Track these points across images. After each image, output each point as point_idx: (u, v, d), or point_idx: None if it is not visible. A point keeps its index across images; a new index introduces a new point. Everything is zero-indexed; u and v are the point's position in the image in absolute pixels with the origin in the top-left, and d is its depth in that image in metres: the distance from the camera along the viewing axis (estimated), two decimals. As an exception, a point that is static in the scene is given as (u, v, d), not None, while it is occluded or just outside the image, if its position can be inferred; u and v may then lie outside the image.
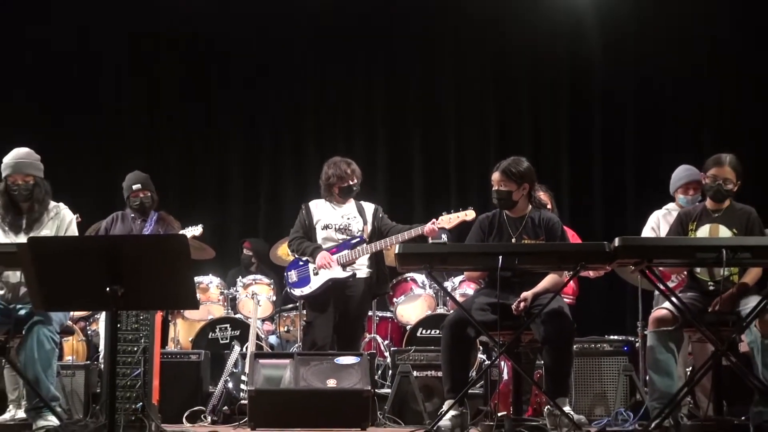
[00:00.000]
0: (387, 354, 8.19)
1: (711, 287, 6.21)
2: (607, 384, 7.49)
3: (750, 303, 5.91)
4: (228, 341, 8.46)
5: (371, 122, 10.73)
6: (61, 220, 6.60)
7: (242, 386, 7.52)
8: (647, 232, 7.47)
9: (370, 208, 7.80)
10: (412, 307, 8.64)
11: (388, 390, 7.53)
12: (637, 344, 7.56)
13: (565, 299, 6.65)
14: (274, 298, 8.94)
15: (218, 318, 8.76)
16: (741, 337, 6.22)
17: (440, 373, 6.64)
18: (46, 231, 6.50)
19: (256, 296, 8.73)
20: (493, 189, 6.39)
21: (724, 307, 6.04)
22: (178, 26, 10.56)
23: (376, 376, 7.68)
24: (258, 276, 9.23)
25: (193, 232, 8.03)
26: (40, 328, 6.20)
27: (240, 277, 9.24)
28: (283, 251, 8.73)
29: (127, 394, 5.89)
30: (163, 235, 7.38)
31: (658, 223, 7.47)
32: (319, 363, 6.80)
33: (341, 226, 7.64)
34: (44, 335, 6.20)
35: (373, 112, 10.74)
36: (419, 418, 7.04)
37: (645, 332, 6.51)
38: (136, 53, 10.77)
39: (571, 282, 6.72)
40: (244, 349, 7.96)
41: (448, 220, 7.39)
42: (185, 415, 7.30)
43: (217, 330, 8.61)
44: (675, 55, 10.16)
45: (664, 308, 6.13)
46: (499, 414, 6.07)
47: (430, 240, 7.29)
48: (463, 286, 8.32)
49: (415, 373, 7.42)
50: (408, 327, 8.42)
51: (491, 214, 6.54)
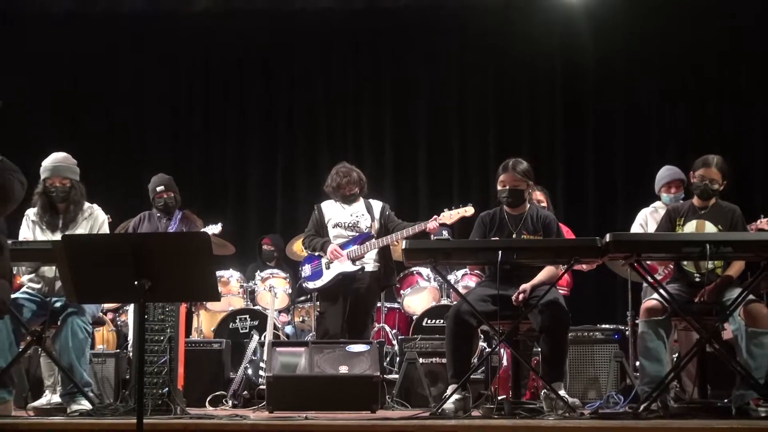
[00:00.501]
0: (395, 342, 8.19)
1: (697, 279, 6.20)
2: (599, 369, 7.48)
3: (734, 294, 5.91)
4: (247, 331, 8.46)
5: (380, 128, 10.72)
6: (95, 220, 6.62)
7: (261, 372, 7.52)
8: (636, 228, 7.46)
9: (377, 205, 7.78)
10: (418, 298, 8.63)
11: (396, 375, 7.52)
12: (626, 332, 7.56)
13: (560, 291, 6.64)
14: (290, 290, 8.94)
15: (238, 309, 8.75)
16: (724, 326, 6.22)
17: (444, 360, 6.64)
18: (81, 230, 6.51)
19: (273, 289, 8.75)
20: (505, 188, 6.38)
21: (710, 298, 6.06)
22: (202, 35, 10.53)
23: (385, 363, 7.67)
24: (275, 270, 9.23)
25: (213, 230, 8.05)
26: (74, 319, 6.22)
27: (258, 271, 9.23)
28: (298, 247, 8.73)
29: (154, 380, 5.88)
30: (186, 233, 7.39)
31: (646, 220, 7.47)
32: (331, 351, 6.79)
33: (350, 224, 7.64)
34: (78, 326, 6.23)
35: (381, 119, 10.73)
36: (425, 401, 7.03)
37: (636, 321, 6.52)
38: (158, 64, 10.77)
39: (565, 275, 6.69)
40: (263, 338, 7.97)
41: (449, 216, 7.39)
42: (208, 399, 7.30)
43: (237, 320, 8.61)
44: (661, 66, 10.15)
45: (654, 299, 6.13)
46: (499, 397, 6.06)
47: (432, 236, 7.29)
48: (465, 279, 8.30)
49: (420, 360, 7.41)
50: (414, 317, 8.41)
51: (492, 211, 6.54)
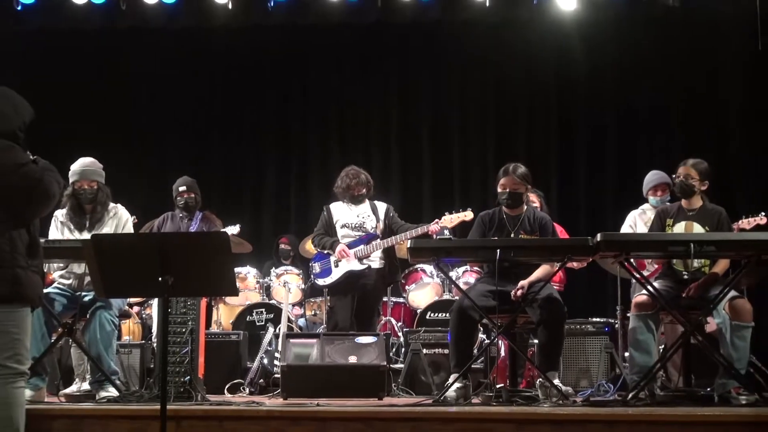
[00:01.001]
0: (400, 334, 8.17)
1: (685, 276, 6.21)
2: (591, 360, 7.47)
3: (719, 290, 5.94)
4: (263, 323, 8.45)
5: (387, 135, 10.72)
6: (119, 219, 6.62)
7: (275, 362, 7.51)
8: (625, 229, 7.45)
9: (382, 207, 7.81)
10: (422, 293, 8.62)
11: (401, 365, 7.51)
12: (616, 325, 7.54)
13: (554, 287, 6.62)
14: (303, 286, 8.92)
15: (255, 303, 8.75)
16: (707, 320, 6.21)
17: (447, 351, 6.63)
18: (107, 229, 6.52)
19: (287, 284, 8.74)
20: (505, 191, 6.41)
21: (696, 294, 6.07)
22: (222, 48, 10.54)
23: (391, 353, 7.65)
24: (289, 267, 9.23)
25: (232, 230, 8.06)
26: (102, 313, 6.23)
27: (274, 268, 9.23)
28: (310, 246, 8.70)
29: (176, 369, 5.87)
30: (207, 233, 7.39)
31: (635, 221, 7.47)
32: (341, 342, 6.78)
33: (357, 224, 7.67)
34: (105, 318, 6.24)
35: (388, 127, 10.73)
36: (428, 389, 7.01)
37: (627, 315, 6.51)
38: (181, 74, 10.78)
39: (559, 271, 6.67)
40: (277, 330, 7.96)
41: (450, 220, 7.44)
42: (226, 387, 7.28)
43: (254, 314, 8.61)
44: (648, 78, 10.13)
45: (644, 294, 6.14)
46: (498, 386, 6.05)
47: (435, 236, 7.31)
48: (466, 276, 8.29)
49: (424, 351, 7.39)
50: (418, 311, 8.40)
51: (492, 212, 6.55)
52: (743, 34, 9.14)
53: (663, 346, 6.65)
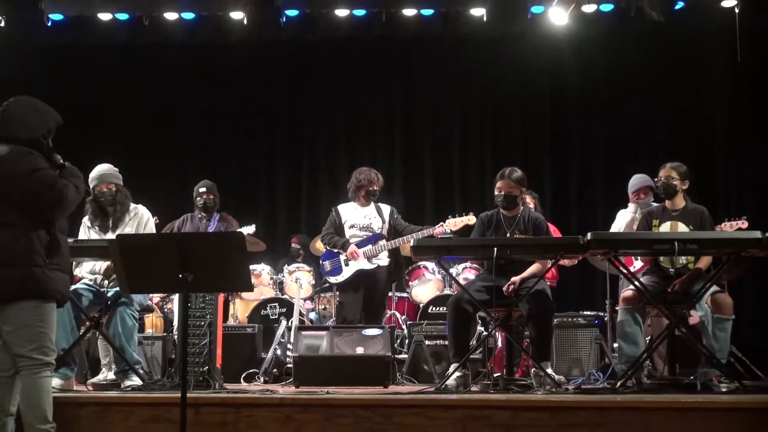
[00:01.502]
0: (404, 327, 8.16)
1: (670, 272, 6.20)
2: (582, 350, 7.45)
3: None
4: (276, 317, 8.45)
5: (391, 142, 10.73)
6: (140, 219, 6.63)
7: (288, 353, 7.51)
8: (615, 228, 7.43)
9: (387, 209, 7.83)
10: (425, 288, 8.60)
11: (405, 355, 7.50)
12: (605, 318, 7.53)
13: (547, 282, 6.61)
14: (314, 282, 8.93)
15: (269, 298, 8.75)
16: (691, 313, 6.21)
17: (447, 342, 6.62)
18: (129, 228, 6.53)
19: (299, 280, 8.75)
20: (500, 194, 6.43)
21: (681, 288, 6.06)
22: (237, 61, 10.55)
23: (396, 345, 7.64)
24: (301, 264, 9.24)
25: (248, 230, 8.06)
26: (123, 309, 6.24)
27: (286, 265, 9.24)
28: (320, 245, 8.70)
29: (196, 359, 5.86)
30: (224, 233, 7.39)
31: (624, 220, 7.43)
32: (349, 334, 6.77)
33: (364, 225, 7.69)
34: (126, 314, 6.24)
35: (392, 135, 10.74)
36: (430, 378, 7.00)
37: (615, 308, 6.50)
38: (200, 86, 10.81)
39: (552, 268, 6.66)
40: (290, 323, 7.97)
41: (454, 223, 7.46)
42: (242, 376, 7.29)
43: (268, 308, 8.61)
44: (636, 88, 10.13)
45: (631, 289, 6.15)
46: (495, 375, 6.04)
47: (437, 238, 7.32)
48: (465, 272, 8.27)
49: (426, 342, 7.39)
50: (421, 305, 8.38)
51: (490, 213, 6.58)
52: (724, 47, 9.12)
53: (649, 338, 6.64)
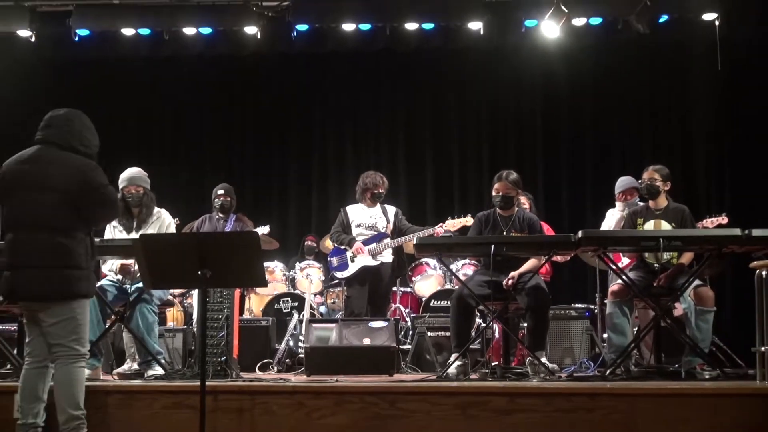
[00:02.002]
0: (408, 319, 8.17)
1: (656, 267, 6.20)
2: (574, 340, 7.46)
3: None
4: (289, 310, 8.45)
5: (395, 147, 10.72)
6: (162, 222, 6.64)
7: (300, 344, 7.50)
8: (605, 226, 7.43)
9: (392, 210, 7.83)
10: (427, 283, 8.60)
11: (409, 346, 7.50)
12: (595, 311, 7.53)
13: (541, 277, 6.61)
14: (323, 277, 8.92)
15: (281, 293, 8.75)
16: (675, 305, 6.20)
17: (448, 333, 6.62)
18: (151, 230, 6.53)
19: (309, 277, 8.76)
20: (498, 195, 6.45)
21: (666, 283, 6.07)
22: (252, 72, 10.55)
23: (400, 336, 7.64)
24: (311, 261, 9.24)
25: (263, 230, 8.06)
26: (143, 305, 6.27)
27: (298, 262, 9.24)
28: (329, 243, 8.71)
29: (214, 350, 5.86)
30: (240, 232, 7.39)
31: (613, 218, 7.42)
32: (357, 326, 6.77)
33: (370, 224, 7.69)
34: (146, 309, 6.27)
35: (396, 140, 10.74)
36: (432, 367, 7.00)
37: (605, 301, 6.51)
38: (217, 95, 10.83)
39: (545, 264, 6.66)
40: (301, 316, 7.96)
41: (453, 224, 7.47)
42: (257, 365, 7.28)
43: (281, 302, 8.61)
44: (622, 96, 10.12)
45: (619, 283, 6.16)
46: (493, 363, 6.05)
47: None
48: (465, 268, 8.26)
49: (429, 333, 7.39)
50: (423, 299, 8.39)
51: (487, 213, 6.59)
52: (705, 57, 9.10)
53: (636, 329, 6.63)
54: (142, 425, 4.90)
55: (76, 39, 9.26)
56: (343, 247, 7.69)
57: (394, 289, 8.37)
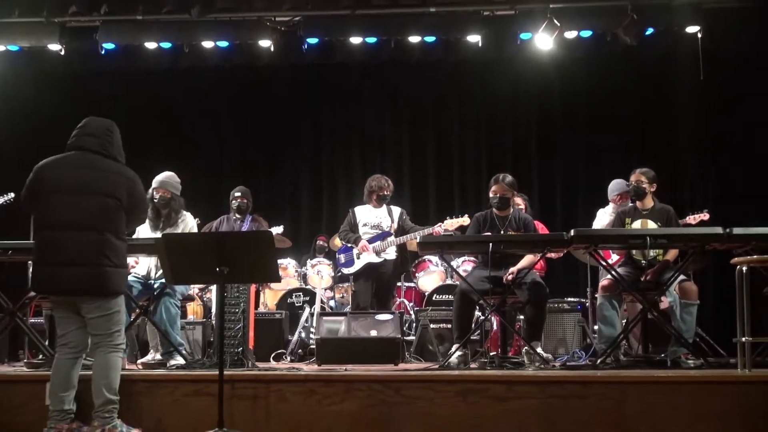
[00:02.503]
0: (412, 312, 8.16)
1: (643, 263, 6.20)
2: (566, 332, 7.46)
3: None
4: (301, 304, 8.45)
5: (399, 152, 10.72)
6: (185, 224, 6.68)
7: (311, 335, 7.51)
8: (596, 225, 7.42)
9: (397, 210, 7.86)
10: (429, 279, 8.59)
11: (413, 337, 7.49)
12: (587, 304, 7.52)
13: (536, 273, 6.61)
14: (333, 273, 8.92)
15: (294, 288, 8.75)
16: (661, 299, 6.19)
17: (450, 325, 6.63)
18: (175, 230, 6.55)
19: (320, 273, 8.75)
20: (495, 196, 6.49)
21: (652, 278, 6.07)
22: (265, 82, 10.56)
23: (404, 328, 7.65)
24: (322, 258, 9.24)
25: (277, 230, 8.07)
26: (167, 299, 6.28)
27: (309, 259, 9.24)
28: (337, 241, 8.72)
29: (231, 341, 5.87)
30: (255, 232, 7.38)
31: (603, 218, 7.42)
32: (364, 319, 6.78)
33: (375, 224, 7.74)
34: (170, 303, 6.28)
35: (401, 146, 10.74)
36: (435, 357, 6.99)
37: (595, 295, 6.50)
38: (234, 104, 10.84)
39: (540, 260, 6.66)
40: (312, 310, 7.97)
41: (451, 224, 7.51)
42: (272, 356, 7.29)
43: (293, 296, 8.61)
44: (612, 104, 10.09)
45: (609, 278, 6.15)
46: (491, 353, 6.05)
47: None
48: (464, 264, 8.26)
49: (431, 325, 7.38)
50: (426, 293, 8.38)
51: (485, 213, 6.61)
52: (688, 68, 9.09)
53: (625, 321, 6.63)
54: (164, 411, 4.91)
55: (103, 52, 9.29)
56: (350, 245, 7.73)
57: (399, 284, 8.38)
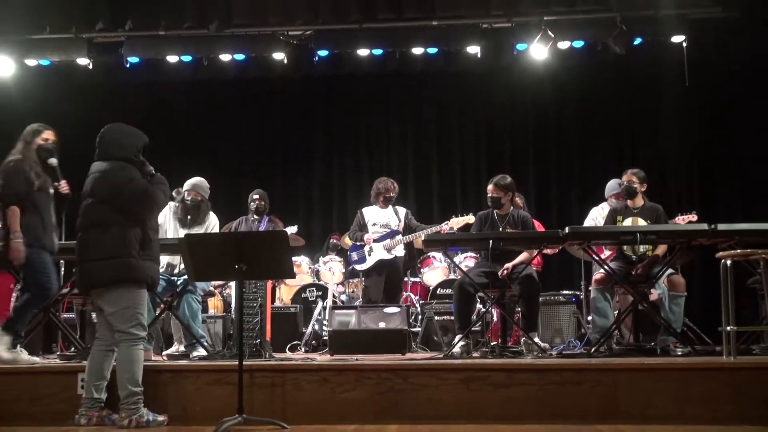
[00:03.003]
0: (417, 305, 8.16)
1: (634, 258, 6.19)
2: (562, 323, 7.43)
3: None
4: (314, 299, 8.46)
5: (404, 156, 10.72)
6: (209, 225, 6.76)
7: (324, 328, 7.52)
8: (588, 223, 7.41)
9: (402, 211, 7.86)
10: (434, 274, 8.59)
11: (419, 329, 7.50)
12: (581, 296, 7.50)
13: (533, 268, 6.60)
14: (344, 270, 8.92)
15: (308, 284, 8.75)
16: (651, 291, 6.18)
17: (453, 317, 6.61)
18: (201, 230, 6.64)
19: (332, 269, 8.75)
20: (488, 196, 6.45)
21: (643, 272, 6.06)
22: (279, 92, 10.57)
23: (411, 320, 7.65)
24: (333, 256, 9.23)
25: (292, 230, 8.08)
26: (189, 295, 6.30)
27: (321, 257, 9.24)
28: (347, 240, 8.72)
29: (250, 334, 5.87)
30: (272, 231, 7.40)
31: (596, 216, 7.40)
32: (373, 312, 6.78)
33: (383, 223, 7.75)
34: (191, 299, 6.29)
35: (405, 150, 10.74)
36: (439, 347, 7.00)
37: (589, 288, 6.49)
38: (250, 113, 10.85)
39: (537, 256, 6.65)
40: (325, 304, 7.98)
41: (456, 222, 7.51)
42: (287, 347, 7.30)
43: (307, 291, 8.62)
44: (603, 110, 10.09)
45: (602, 272, 6.14)
46: (492, 343, 6.04)
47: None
48: (466, 260, 8.25)
49: (436, 318, 7.39)
50: (431, 287, 8.38)
51: (487, 212, 6.61)
52: (674, 75, 9.07)
53: (617, 312, 6.61)
54: (188, 399, 4.91)
55: (128, 66, 9.33)
56: (359, 243, 7.72)
57: (405, 279, 8.36)
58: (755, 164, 9.39)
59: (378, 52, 9.29)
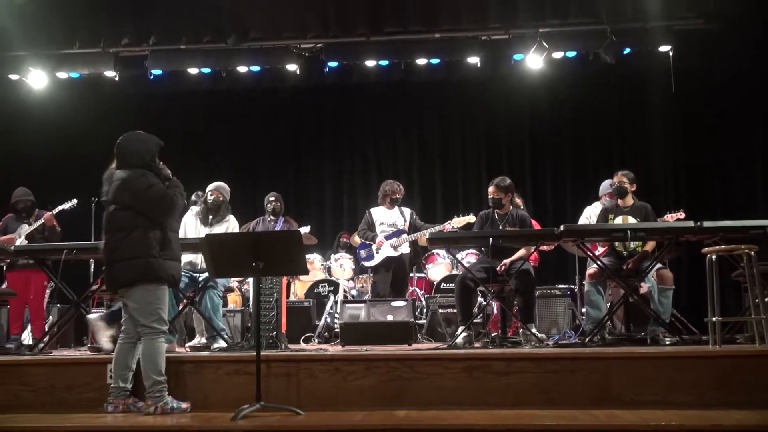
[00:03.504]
0: (423, 299, 8.15)
1: (624, 254, 6.18)
2: (558, 314, 7.44)
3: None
4: (326, 294, 8.44)
5: (409, 160, 10.69)
6: (229, 225, 6.79)
7: (336, 320, 7.52)
8: (582, 221, 7.39)
9: (407, 211, 7.86)
10: (438, 270, 8.56)
11: (424, 321, 7.48)
12: (576, 290, 7.49)
13: (531, 263, 6.59)
14: (354, 266, 8.92)
15: (320, 279, 8.73)
16: (641, 284, 6.16)
17: (455, 310, 6.60)
18: (221, 229, 6.69)
19: (342, 266, 8.75)
20: (490, 197, 6.45)
21: (633, 266, 6.05)
22: (291, 101, 10.56)
23: (416, 313, 7.63)
24: (344, 253, 9.22)
25: (305, 230, 8.07)
26: (210, 291, 6.30)
27: (333, 254, 9.23)
28: (356, 239, 8.71)
29: (266, 327, 5.89)
30: (286, 231, 7.39)
31: (590, 214, 7.39)
32: (381, 305, 6.78)
33: (390, 223, 7.73)
34: (213, 294, 6.30)
35: (410, 154, 10.71)
36: (443, 338, 6.98)
37: (583, 282, 6.48)
38: (265, 121, 10.86)
39: (534, 253, 6.63)
40: (336, 298, 7.97)
41: (458, 221, 7.49)
42: (302, 338, 7.31)
43: (320, 287, 8.60)
44: (594, 115, 10.05)
45: (595, 267, 6.13)
46: (492, 334, 6.03)
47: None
48: (468, 257, 8.24)
49: (440, 310, 7.38)
50: (435, 282, 8.36)
51: (487, 211, 6.62)
52: (662, 82, 9.06)
53: (609, 304, 6.60)
54: (209, 388, 4.92)
55: (151, 77, 9.36)
56: (368, 242, 7.72)
57: (411, 274, 8.36)
58: (736, 166, 9.37)
59: (384, 63, 9.29)
